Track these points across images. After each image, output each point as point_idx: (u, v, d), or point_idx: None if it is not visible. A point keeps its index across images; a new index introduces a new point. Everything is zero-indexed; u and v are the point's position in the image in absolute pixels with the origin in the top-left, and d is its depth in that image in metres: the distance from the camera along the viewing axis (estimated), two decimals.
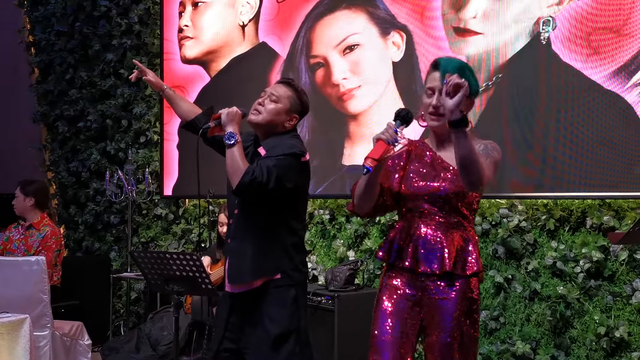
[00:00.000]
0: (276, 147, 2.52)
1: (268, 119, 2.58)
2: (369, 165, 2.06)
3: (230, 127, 2.49)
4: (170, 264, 3.07)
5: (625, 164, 3.38)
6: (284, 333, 2.48)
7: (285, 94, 2.60)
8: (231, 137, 2.46)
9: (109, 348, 4.84)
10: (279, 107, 2.58)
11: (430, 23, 4.13)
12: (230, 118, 2.50)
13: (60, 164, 6.56)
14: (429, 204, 2.23)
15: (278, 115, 2.58)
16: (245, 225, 2.58)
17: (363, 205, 2.27)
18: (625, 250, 3.38)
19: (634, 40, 3.37)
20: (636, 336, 3.35)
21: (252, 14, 5.11)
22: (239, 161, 2.44)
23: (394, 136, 2.09)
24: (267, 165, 2.43)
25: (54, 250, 4.48)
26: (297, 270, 2.58)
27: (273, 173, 2.42)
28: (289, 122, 2.62)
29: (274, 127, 2.59)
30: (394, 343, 2.22)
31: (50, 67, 6.65)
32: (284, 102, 2.59)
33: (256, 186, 2.41)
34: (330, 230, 4.62)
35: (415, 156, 2.31)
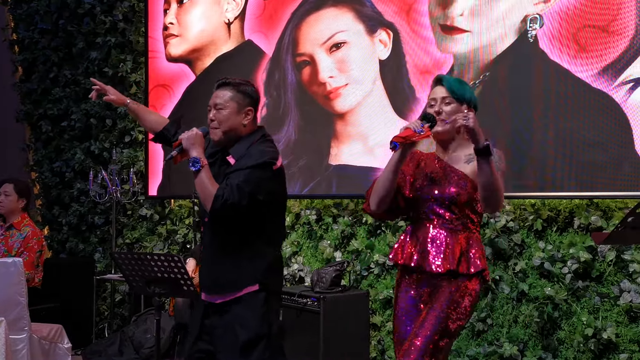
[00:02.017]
0: (245, 157, 2.48)
1: (225, 129, 2.53)
2: (396, 141, 2.25)
3: (193, 151, 2.45)
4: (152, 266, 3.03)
5: (613, 163, 3.35)
6: (253, 339, 2.45)
7: (226, 96, 2.55)
8: (195, 163, 2.43)
9: (92, 351, 4.77)
10: (227, 112, 2.53)
11: (417, 21, 4.10)
12: (191, 142, 2.47)
13: (44, 163, 6.48)
14: (436, 207, 2.40)
15: (231, 120, 2.53)
16: (218, 233, 2.55)
17: (381, 204, 2.42)
18: (612, 251, 3.35)
19: (622, 38, 3.34)
20: (624, 337, 3.32)
21: (237, 11, 5.06)
22: (208, 186, 2.42)
23: (419, 127, 2.31)
24: (236, 184, 2.40)
25: (36, 251, 4.42)
26: (273, 278, 2.55)
27: (244, 191, 2.40)
28: (247, 119, 2.56)
29: (235, 132, 2.55)
30: None
31: (34, 65, 6.56)
32: (230, 104, 2.54)
33: (229, 208, 2.39)
34: (317, 230, 4.57)
35: (425, 164, 2.49)
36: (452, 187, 2.38)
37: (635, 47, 3.31)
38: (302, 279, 4.55)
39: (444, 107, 2.40)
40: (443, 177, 2.41)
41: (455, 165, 2.42)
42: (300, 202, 4.69)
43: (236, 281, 2.50)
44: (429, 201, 2.41)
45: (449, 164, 2.43)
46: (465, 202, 2.38)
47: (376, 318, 4.14)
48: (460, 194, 2.37)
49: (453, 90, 2.41)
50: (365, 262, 4.23)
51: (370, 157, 4.28)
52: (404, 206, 2.48)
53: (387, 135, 4.18)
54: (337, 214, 4.48)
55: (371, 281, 4.23)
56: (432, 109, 2.41)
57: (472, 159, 2.36)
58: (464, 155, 2.43)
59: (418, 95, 4.07)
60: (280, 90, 4.76)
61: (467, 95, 2.43)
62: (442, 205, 2.39)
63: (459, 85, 2.43)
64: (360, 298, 3.95)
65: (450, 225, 2.39)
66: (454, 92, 2.40)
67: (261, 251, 2.52)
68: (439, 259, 2.36)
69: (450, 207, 2.38)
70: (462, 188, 2.37)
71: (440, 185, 2.40)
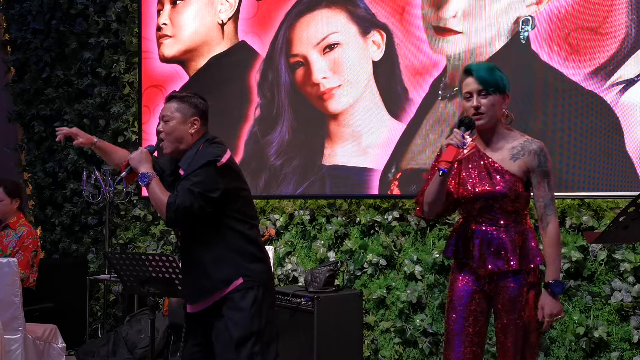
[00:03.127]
0: (191, 163, 2.55)
1: (172, 139, 2.61)
2: (444, 167, 2.28)
3: (141, 168, 2.55)
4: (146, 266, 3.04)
5: (604, 164, 3.38)
6: (244, 335, 2.49)
7: (172, 107, 2.64)
8: (144, 178, 2.53)
9: (85, 351, 4.76)
10: (173, 123, 2.62)
11: (411, 22, 4.12)
12: (137, 160, 2.57)
13: (36, 164, 6.46)
14: (484, 206, 2.42)
15: (177, 129, 2.61)
16: (192, 243, 2.60)
17: (434, 209, 2.46)
18: (604, 250, 3.38)
19: (613, 39, 3.37)
20: (615, 336, 3.35)
21: (231, 12, 5.06)
22: (160, 195, 2.49)
23: (462, 140, 2.30)
24: (186, 189, 2.47)
25: (31, 250, 4.41)
26: (258, 270, 2.59)
27: (194, 193, 2.46)
28: (193, 128, 2.63)
29: (183, 141, 2.62)
30: (462, 331, 2.45)
31: (26, 65, 6.55)
32: (175, 115, 2.62)
33: (183, 213, 2.44)
34: (311, 230, 4.59)
35: (468, 161, 2.48)
36: (499, 185, 2.39)
37: (626, 48, 3.34)
38: (296, 279, 4.56)
39: (482, 100, 2.38)
40: (489, 176, 2.41)
41: (499, 162, 2.42)
42: (293, 202, 4.70)
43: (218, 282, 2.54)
44: (478, 200, 2.42)
45: (494, 160, 2.43)
46: (513, 199, 2.39)
47: (369, 318, 4.16)
48: (509, 193, 2.38)
49: (486, 81, 2.38)
50: (359, 262, 4.25)
51: (364, 158, 4.30)
52: (454, 207, 2.53)
53: (380, 135, 4.21)
54: (330, 214, 4.50)
55: (364, 281, 4.24)
56: (469, 103, 2.40)
57: (519, 155, 2.39)
58: (508, 150, 2.42)
59: (411, 96, 4.10)
60: (274, 91, 4.77)
61: (500, 83, 2.40)
62: (491, 203, 2.40)
63: (489, 74, 2.39)
64: (353, 298, 3.97)
65: (501, 222, 2.41)
66: (487, 83, 2.38)
67: (237, 246, 2.57)
68: (499, 259, 2.38)
69: (499, 205, 2.40)
70: (509, 187, 2.38)
71: (487, 184, 2.41)
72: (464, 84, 2.44)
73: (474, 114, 2.40)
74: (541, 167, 2.39)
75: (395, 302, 4.07)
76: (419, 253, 4.04)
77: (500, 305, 2.44)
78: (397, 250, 4.15)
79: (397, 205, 4.17)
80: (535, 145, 2.41)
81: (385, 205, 4.22)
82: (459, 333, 2.45)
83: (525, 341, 2.41)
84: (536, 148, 2.40)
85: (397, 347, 4.04)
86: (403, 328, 4.00)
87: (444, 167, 2.27)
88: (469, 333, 2.45)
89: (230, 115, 4.96)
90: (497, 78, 2.40)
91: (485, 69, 2.42)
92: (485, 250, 2.41)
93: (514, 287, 2.40)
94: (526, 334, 2.41)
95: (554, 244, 2.39)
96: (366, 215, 4.27)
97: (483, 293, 2.46)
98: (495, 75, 2.40)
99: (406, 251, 4.11)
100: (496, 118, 2.42)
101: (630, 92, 3.33)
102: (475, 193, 2.42)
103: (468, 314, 2.46)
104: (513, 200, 2.39)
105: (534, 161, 2.39)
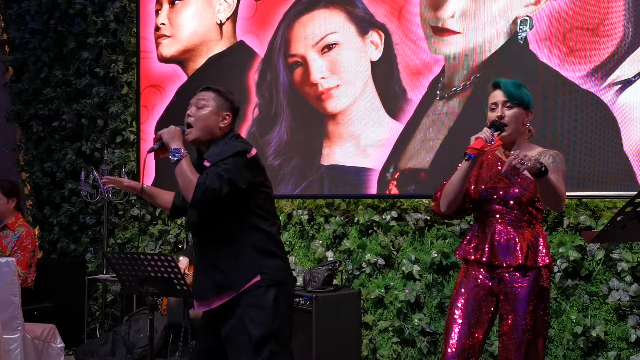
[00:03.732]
0: (219, 154, 2.50)
1: (202, 126, 2.56)
2: (471, 153, 2.38)
3: (173, 143, 2.48)
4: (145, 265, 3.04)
5: (602, 163, 3.39)
6: (264, 335, 2.44)
7: (209, 96, 2.61)
8: (176, 153, 2.46)
9: (84, 351, 4.76)
10: (207, 110, 2.57)
11: (409, 22, 4.13)
12: (170, 136, 2.50)
13: (34, 164, 6.46)
14: (500, 206, 2.51)
15: (209, 118, 2.57)
16: (211, 237, 2.54)
17: (452, 205, 2.54)
18: (601, 250, 3.39)
19: (610, 40, 3.38)
20: (612, 335, 3.37)
21: (229, 12, 5.07)
22: (189, 174, 2.43)
23: (490, 137, 2.44)
24: (216, 172, 2.42)
25: (30, 250, 4.41)
26: (277, 268, 2.54)
27: (224, 177, 2.41)
28: (223, 122, 2.60)
29: (210, 132, 2.58)
30: (463, 319, 2.50)
31: (25, 65, 6.54)
32: (211, 103, 2.59)
33: (211, 195, 2.39)
34: (309, 230, 4.59)
35: (487, 164, 2.59)
36: (515, 188, 2.49)
37: (623, 48, 3.36)
38: (295, 278, 4.57)
39: (506, 111, 2.50)
40: (505, 178, 2.51)
41: None
42: (292, 202, 4.71)
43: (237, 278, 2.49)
44: (494, 201, 2.52)
45: None
46: (528, 201, 2.48)
47: (368, 317, 4.17)
48: (524, 195, 2.48)
49: (512, 94, 2.50)
50: (357, 261, 4.26)
51: (362, 158, 4.31)
52: (470, 207, 2.60)
53: (378, 135, 4.22)
54: (329, 213, 4.50)
55: (363, 280, 4.25)
56: (494, 113, 2.52)
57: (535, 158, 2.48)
58: None
59: (409, 96, 4.11)
60: (272, 91, 4.78)
61: (525, 99, 2.53)
62: (506, 204, 2.50)
63: (516, 89, 2.52)
64: (352, 297, 3.98)
65: (515, 222, 2.49)
66: (512, 97, 2.50)
67: (258, 242, 2.52)
68: (507, 254, 2.45)
69: (514, 206, 2.49)
70: (524, 189, 2.48)
71: (503, 186, 2.51)
72: (491, 96, 2.57)
73: None
74: (555, 164, 2.47)
75: (393, 301, 4.08)
76: (417, 253, 4.05)
77: (506, 305, 2.47)
78: (395, 249, 4.15)
79: (395, 205, 4.18)
80: (551, 152, 2.53)
81: (384, 205, 4.23)
82: (457, 325, 2.50)
83: (530, 344, 2.42)
84: (552, 153, 2.52)
85: (395, 346, 4.05)
86: (401, 327, 4.00)
87: (471, 153, 2.38)
88: (467, 328, 2.48)
89: None
90: (523, 94, 2.53)
91: (512, 83, 2.55)
92: (497, 245, 2.48)
93: (522, 288, 2.44)
94: (532, 337, 2.43)
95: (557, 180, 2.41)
96: (364, 215, 4.27)
97: (489, 293, 2.51)
98: (521, 91, 2.53)
99: (404, 251, 4.12)
100: (518, 131, 2.53)
101: (627, 92, 3.34)
102: (491, 194, 2.52)
103: (469, 310, 2.50)
104: (527, 203, 2.48)
105: (549, 160, 2.48)
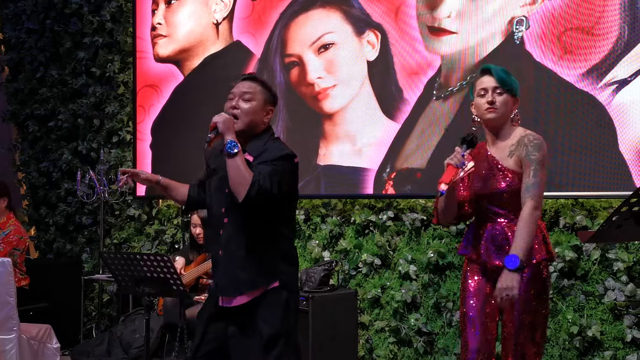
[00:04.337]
0: (266, 152, 2.46)
1: (248, 121, 2.48)
2: (442, 189, 2.37)
3: (228, 135, 2.39)
4: (141, 266, 3.04)
5: (598, 163, 3.40)
6: (275, 335, 2.43)
7: (256, 89, 2.52)
8: (234, 147, 2.36)
9: (80, 351, 4.75)
10: (254, 104, 2.49)
11: (405, 22, 4.13)
12: (227, 126, 2.40)
13: (30, 164, 6.45)
14: (491, 203, 2.51)
15: (256, 113, 2.49)
16: (239, 234, 2.47)
17: (447, 218, 2.61)
18: (597, 250, 3.40)
19: (606, 40, 3.39)
20: (608, 335, 3.37)
21: (226, 12, 5.06)
22: (244, 171, 2.36)
23: (462, 160, 2.42)
24: (268, 173, 2.38)
25: (14, 247, 4.38)
26: (293, 275, 2.55)
27: (275, 179, 2.38)
28: (267, 117, 2.54)
29: (254, 126, 2.50)
30: (481, 318, 2.52)
31: (21, 65, 6.53)
32: (258, 97, 2.51)
33: (263, 195, 2.35)
34: (306, 230, 4.59)
35: (476, 161, 2.56)
36: (501, 182, 2.49)
37: (619, 49, 3.36)
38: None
39: (497, 97, 2.49)
40: (492, 174, 2.51)
41: (500, 160, 2.51)
42: None
43: (258, 279, 2.46)
44: (484, 199, 2.52)
45: (495, 157, 2.52)
46: (514, 195, 2.46)
47: (364, 317, 4.17)
48: (507, 189, 2.47)
49: (503, 80, 2.49)
50: (354, 261, 4.26)
51: (359, 158, 4.31)
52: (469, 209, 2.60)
53: (375, 135, 4.22)
54: (325, 213, 4.50)
55: (359, 280, 4.25)
56: (483, 99, 2.50)
57: (514, 151, 2.48)
58: (508, 147, 2.51)
59: (406, 96, 4.11)
60: None
61: (515, 86, 2.52)
62: (496, 200, 2.50)
63: (506, 75, 2.51)
64: (348, 297, 3.97)
65: (507, 218, 2.48)
66: (504, 83, 2.49)
67: (282, 247, 2.51)
68: (503, 254, 2.44)
69: (504, 201, 2.49)
70: (508, 184, 2.47)
71: (491, 182, 2.51)
72: (479, 82, 2.54)
73: (487, 108, 2.49)
74: (529, 156, 2.44)
75: (389, 301, 4.08)
76: (414, 253, 4.05)
77: None
78: (391, 249, 4.16)
79: (391, 205, 4.18)
80: (529, 138, 2.48)
81: (380, 205, 4.23)
82: (474, 319, 2.52)
83: (528, 337, 2.43)
84: (529, 140, 2.47)
85: (391, 346, 4.05)
86: (398, 327, 4.00)
87: (443, 190, 2.37)
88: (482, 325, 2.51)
89: None
90: (512, 81, 2.53)
91: (502, 70, 2.54)
92: (490, 246, 2.49)
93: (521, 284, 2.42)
94: (530, 329, 2.44)
95: (523, 222, 2.38)
96: (361, 215, 4.27)
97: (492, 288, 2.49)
98: (511, 78, 2.53)
99: (401, 251, 4.12)
100: (505, 118, 2.52)
101: (623, 92, 3.35)
102: (481, 192, 2.53)
103: (480, 306, 2.52)
104: (513, 197, 2.46)
105: (523, 151, 2.46)
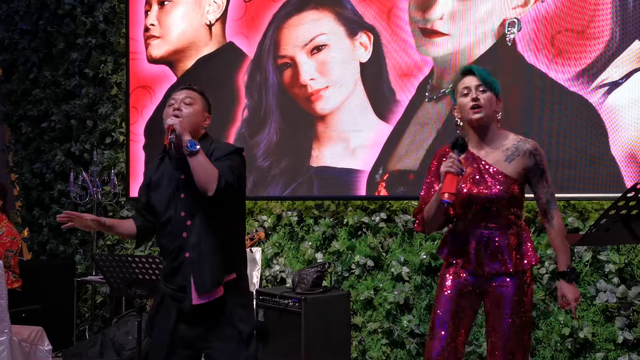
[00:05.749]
0: (216, 150, 2.52)
1: (190, 123, 2.51)
2: (447, 199, 2.29)
3: (186, 135, 2.44)
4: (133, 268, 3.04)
5: (589, 165, 3.41)
6: (250, 332, 2.49)
7: (194, 94, 2.59)
8: (194, 145, 2.40)
9: (73, 353, 4.74)
10: (196, 107, 2.56)
11: (398, 24, 4.13)
12: (183, 127, 2.44)
13: (23, 165, 6.43)
14: (481, 209, 2.45)
15: (196, 116, 2.55)
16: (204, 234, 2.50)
17: (433, 227, 2.53)
18: (589, 252, 3.41)
19: (598, 42, 3.40)
20: (600, 337, 3.38)
21: (219, 13, 5.06)
22: (209, 166, 2.40)
23: (460, 167, 2.33)
24: (227, 167, 2.43)
25: (7, 248, 4.37)
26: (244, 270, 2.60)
27: (235, 172, 2.44)
28: (205, 122, 2.61)
29: (196, 130, 2.55)
30: (451, 319, 2.47)
31: (14, 66, 6.51)
32: (198, 102, 2.58)
33: (230, 187, 2.40)
34: (299, 232, 4.59)
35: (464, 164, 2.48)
36: (495, 188, 2.43)
37: (610, 51, 3.37)
38: (284, 280, 4.57)
39: (481, 94, 2.45)
40: (484, 179, 2.45)
41: (494, 164, 2.46)
42: (281, 203, 4.70)
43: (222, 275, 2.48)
44: (474, 204, 2.45)
45: (488, 162, 2.47)
46: (509, 200, 2.43)
47: (357, 319, 4.17)
48: (504, 196, 2.42)
49: (485, 79, 2.47)
50: (347, 263, 4.26)
51: (352, 159, 4.31)
52: (453, 214, 2.53)
53: (368, 137, 4.22)
54: (318, 215, 4.50)
55: (352, 282, 4.25)
56: (467, 98, 2.45)
57: (513, 156, 2.45)
58: (502, 151, 2.47)
59: (398, 97, 4.11)
60: (262, 92, 4.77)
61: (496, 86, 2.50)
62: (487, 206, 2.44)
63: (488, 75, 2.50)
64: (341, 299, 3.98)
65: (497, 224, 2.44)
66: (486, 82, 2.46)
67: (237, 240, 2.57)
68: (496, 262, 2.42)
69: (495, 208, 2.43)
70: (505, 190, 2.42)
71: (483, 187, 2.44)
72: (462, 82, 2.51)
73: (472, 107, 2.44)
74: (538, 166, 2.44)
75: (382, 303, 4.08)
76: (406, 254, 4.05)
77: (492, 304, 2.46)
78: (384, 251, 4.16)
79: (384, 206, 4.19)
80: (529, 145, 2.47)
81: (373, 206, 4.23)
82: (443, 326, 2.47)
83: (517, 341, 2.42)
84: (531, 148, 2.46)
85: (384, 348, 4.05)
86: (390, 329, 4.01)
87: (449, 200, 2.29)
88: (453, 328, 2.47)
89: (217, 117, 4.93)
90: (494, 80, 2.50)
91: (484, 69, 2.52)
92: (482, 253, 2.44)
93: (509, 287, 2.43)
94: (519, 333, 2.43)
95: (561, 234, 2.44)
96: (354, 216, 4.28)
97: (474, 291, 2.48)
98: (492, 77, 2.51)
99: (393, 252, 4.12)
100: (491, 116, 2.48)
101: (614, 94, 3.35)
102: (471, 197, 2.44)
103: (455, 309, 2.47)
104: (509, 203, 2.43)
105: (531, 161, 2.44)
